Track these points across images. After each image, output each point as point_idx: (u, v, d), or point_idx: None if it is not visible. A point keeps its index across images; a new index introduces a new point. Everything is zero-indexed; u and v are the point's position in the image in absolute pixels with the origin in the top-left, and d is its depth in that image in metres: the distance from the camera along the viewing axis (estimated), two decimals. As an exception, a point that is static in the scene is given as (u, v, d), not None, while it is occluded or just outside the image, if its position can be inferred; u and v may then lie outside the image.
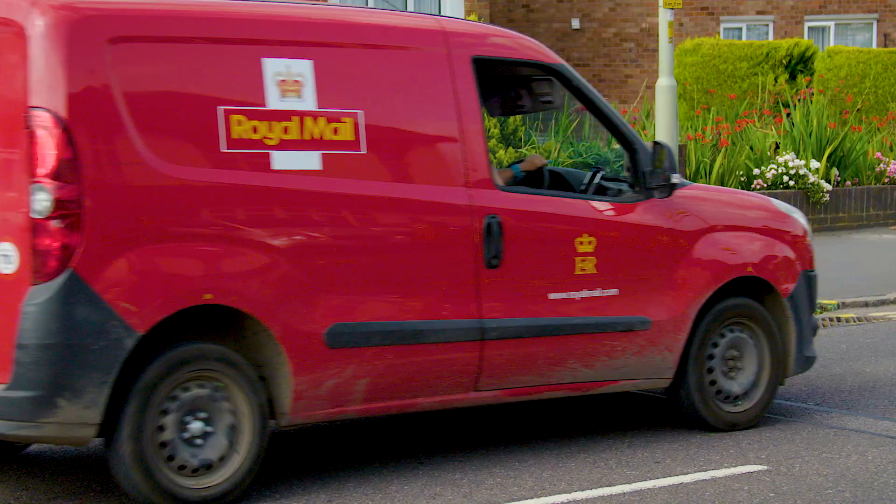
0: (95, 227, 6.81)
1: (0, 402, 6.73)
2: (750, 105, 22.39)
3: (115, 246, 6.85)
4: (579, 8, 29.95)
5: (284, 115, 7.39)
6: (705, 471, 7.90)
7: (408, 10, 25.50)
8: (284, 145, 7.36)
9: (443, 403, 7.93)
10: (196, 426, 7.04)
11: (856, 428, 8.88)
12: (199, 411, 7.06)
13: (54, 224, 6.74)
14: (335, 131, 7.52)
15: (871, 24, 31.18)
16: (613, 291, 8.31)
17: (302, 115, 7.44)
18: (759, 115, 21.49)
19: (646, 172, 8.43)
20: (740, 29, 29.35)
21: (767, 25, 29.71)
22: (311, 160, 7.44)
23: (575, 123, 19.21)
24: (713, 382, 8.75)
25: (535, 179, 8.89)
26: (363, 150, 7.58)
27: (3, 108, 6.95)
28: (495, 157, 16.31)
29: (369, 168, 7.61)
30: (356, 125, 7.57)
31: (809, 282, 9.16)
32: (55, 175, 6.75)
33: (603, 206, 8.37)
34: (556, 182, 8.91)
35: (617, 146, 19.77)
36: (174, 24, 7.28)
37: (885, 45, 30.63)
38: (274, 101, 7.37)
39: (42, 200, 6.75)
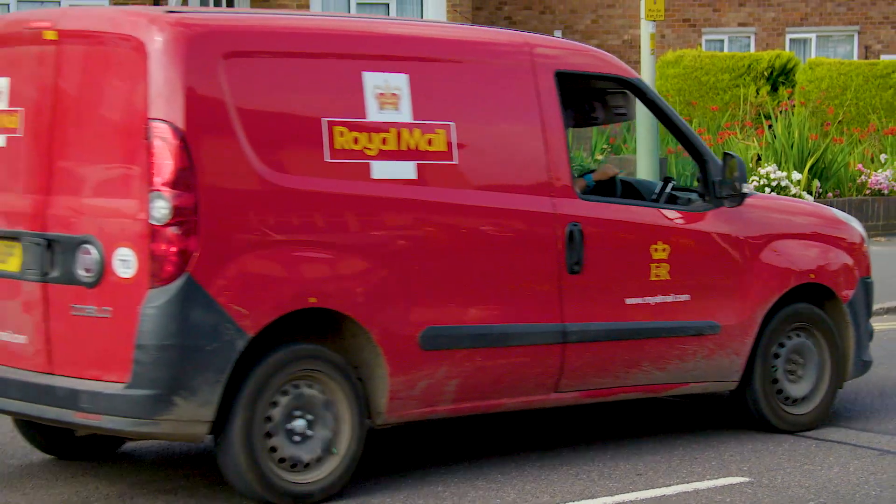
0: (210, 234, 7.13)
1: (120, 401, 7.06)
2: (732, 117, 22.47)
3: (227, 251, 7.19)
4: (561, 20, 30.00)
5: (383, 127, 7.72)
6: (688, 483, 7.91)
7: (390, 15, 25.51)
8: (383, 155, 7.70)
9: (525, 404, 8.25)
10: (299, 424, 7.33)
11: (837, 439, 8.90)
12: (303, 409, 7.36)
13: (172, 230, 7.06)
14: (429, 142, 7.86)
15: (853, 36, 31.29)
16: (685, 297, 8.64)
17: (399, 126, 7.78)
18: (740, 126, 21.56)
19: (715, 183, 8.75)
20: (722, 41, 29.42)
21: (749, 37, 29.80)
22: (407, 170, 7.77)
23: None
24: (777, 385, 9.07)
25: (606, 189, 9.20)
26: (455, 161, 7.92)
27: (122, 121, 7.27)
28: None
29: (460, 177, 7.94)
30: (448, 136, 7.91)
31: (867, 288, 9.50)
32: (173, 184, 7.06)
33: (675, 215, 8.70)
34: (628, 191, 9.23)
35: (601, 156, 19.81)
36: (282, 39, 7.63)
37: (866, 57, 30.74)
38: (373, 114, 7.72)
39: (161, 208, 7.06)
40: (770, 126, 20.84)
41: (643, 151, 16.53)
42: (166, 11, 7.36)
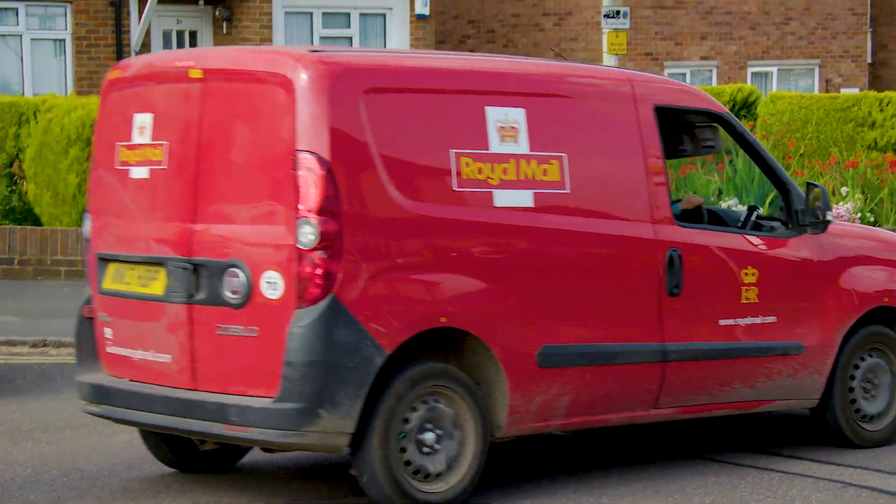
0: (352, 257, 7.70)
1: (269, 414, 7.56)
2: (694, 150, 22.51)
3: (367, 273, 7.73)
4: (524, 53, 30.11)
5: (503, 158, 8.30)
6: (651, 516, 7.92)
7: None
8: (504, 184, 8.27)
9: (628, 420, 8.79)
10: (429, 436, 7.83)
11: (801, 472, 8.94)
12: (432, 423, 7.86)
13: (319, 254, 7.62)
14: (544, 172, 8.43)
15: (813, 69, 31.51)
16: (772, 318, 9.21)
17: (517, 157, 8.35)
18: (702, 160, 21.64)
19: (798, 211, 9.34)
20: (684, 74, 29.59)
21: (711, 71, 29.97)
22: (525, 198, 8.33)
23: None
24: (854, 403, 9.61)
25: (693, 217, 9.59)
26: (567, 190, 8.49)
27: (269, 152, 7.82)
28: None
29: (572, 205, 8.51)
30: (561, 167, 8.48)
31: None
32: (320, 211, 7.62)
33: (761, 242, 9.29)
34: (714, 219, 9.72)
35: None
36: (414, 77, 8.27)
37: (827, 91, 30.94)
38: (495, 145, 8.29)
39: (308, 233, 7.61)
40: (731, 160, 20.94)
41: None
42: (310, 51, 7.96)
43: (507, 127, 8.33)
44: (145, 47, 23.36)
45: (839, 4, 31.80)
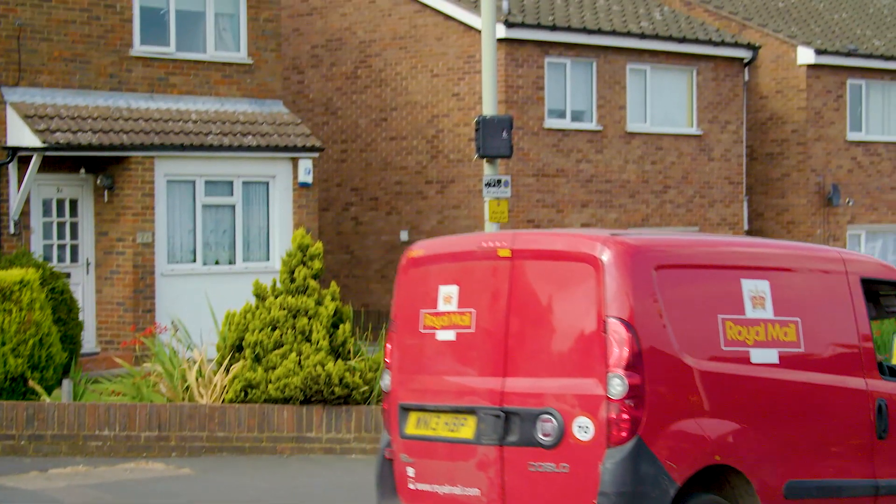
0: (652, 405, 9.22)
1: None
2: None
3: (662, 418, 9.26)
4: (408, 220, 30.31)
5: (756, 322, 10.00)
6: None
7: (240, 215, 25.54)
8: (757, 344, 9.95)
9: None
10: None
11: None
12: None
13: (627, 403, 9.18)
14: (785, 334, 10.11)
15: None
16: None
17: (766, 322, 10.06)
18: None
19: None
20: (566, 241, 29.86)
21: (592, 237, 30.29)
22: (772, 356, 10.01)
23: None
24: None
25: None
26: (802, 349, 10.18)
27: (577, 318, 9.42)
28: (324, 369, 16.24)
29: (806, 361, 10.17)
30: (797, 329, 10.18)
31: None
32: (626, 366, 9.20)
33: None
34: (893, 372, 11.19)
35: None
36: (690, 256, 10.07)
37: (706, 257, 31.37)
38: (749, 311, 10.02)
39: (617, 385, 9.19)
40: None
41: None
42: (611, 234, 9.65)
43: (757, 296, 10.04)
44: (25, 215, 23.15)
45: (716, 174, 32.48)
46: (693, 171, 32.09)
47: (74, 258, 24.15)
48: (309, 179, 26.08)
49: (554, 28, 29.10)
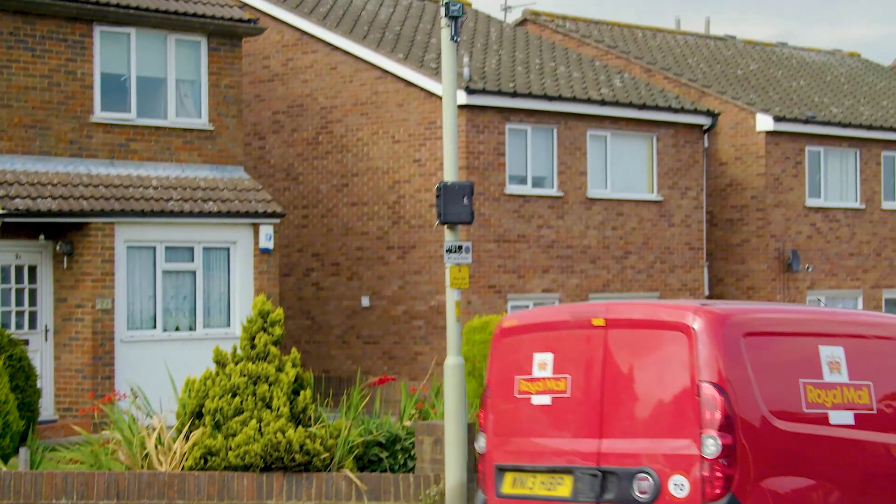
0: (744, 463, 9.95)
1: None
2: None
3: (752, 475, 9.98)
4: (369, 286, 30.26)
5: (833, 386, 10.78)
6: None
7: (196, 284, 25.43)
8: (834, 406, 10.71)
9: None
10: None
11: None
12: None
13: (720, 462, 9.93)
14: (859, 396, 10.90)
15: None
16: None
17: (842, 385, 10.83)
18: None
19: None
20: (528, 306, 29.89)
21: (554, 303, 30.33)
22: (848, 417, 10.80)
23: (367, 400, 19.17)
24: None
25: None
26: (874, 410, 11.00)
27: (672, 382, 10.18)
28: (285, 436, 16.13)
29: (877, 422, 10.98)
30: (870, 392, 10.99)
31: None
32: (719, 428, 9.96)
33: None
34: None
35: (409, 422, 19.74)
36: (773, 324, 10.84)
37: (667, 323, 31.42)
38: (826, 376, 10.78)
39: (711, 446, 9.96)
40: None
41: (451, 416, 16.54)
42: (701, 304, 10.45)
43: (833, 361, 10.79)
44: (-17, 281, 23.00)
45: (676, 239, 32.60)
46: (654, 237, 32.19)
47: (33, 325, 23.98)
48: (270, 245, 26.04)
49: (515, 95, 29.23)
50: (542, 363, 10.85)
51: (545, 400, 10.77)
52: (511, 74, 30.60)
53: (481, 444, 11.16)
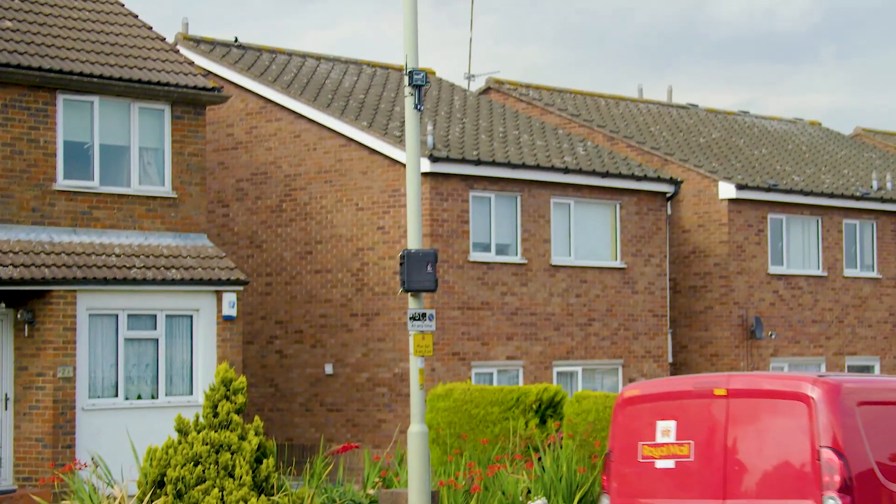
0: None
1: None
2: (502, 450, 22.58)
3: None
4: (332, 353, 30.17)
5: None
6: None
7: (159, 350, 25.31)
8: None
9: None
10: None
11: None
12: None
13: None
14: None
15: (617, 369, 32.08)
16: None
17: None
18: (510, 459, 21.67)
19: None
20: (491, 374, 29.84)
21: (518, 370, 30.31)
22: None
23: (330, 468, 19.06)
24: None
25: None
26: None
27: (793, 447, 11.16)
28: (247, 506, 16.01)
29: None
30: None
31: None
32: (839, 489, 10.96)
33: None
34: None
35: (372, 491, 19.63)
36: (884, 393, 12.01)
37: (631, 390, 31.44)
38: None
39: None
40: (539, 459, 20.99)
41: (415, 484, 16.45)
42: (819, 376, 11.44)
43: None
44: (-56, 349, 22.82)
45: (640, 306, 32.65)
46: (617, 304, 32.24)
47: (-7, 393, 23.79)
48: (233, 313, 25.95)
49: (478, 163, 29.33)
50: (666, 430, 11.84)
51: (669, 464, 11.74)
52: (475, 142, 30.71)
53: None
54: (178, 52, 27.67)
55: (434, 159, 28.42)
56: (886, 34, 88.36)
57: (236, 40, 32.72)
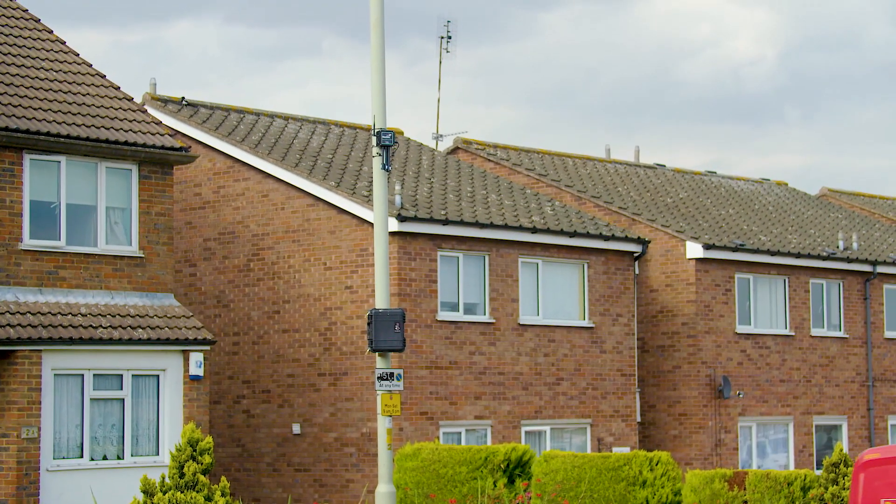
0: None
1: None
2: (470, 510, 22.47)
3: None
4: (300, 413, 30.05)
5: None
6: None
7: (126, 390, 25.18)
8: None
9: None
10: None
11: None
12: None
13: None
14: None
15: (585, 428, 32.04)
16: None
17: None
18: None
19: None
20: (460, 433, 29.78)
21: (486, 429, 30.25)
22: None
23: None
24: None
25: None
26: None
27: None
28: (213, 568, 15.87)
29: None
30: None
31: None
32: None
33: None
34: None
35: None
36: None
37: (599, 450, 31.41)
38: None
39: None
40: (508, 519, 20.90)
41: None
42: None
43: None
44: None
45: (608, 366, 32.66)
46: (585, 363, 32.24)
47: (-43, 454, 23.58)
48: (200, 372, 25.85)
49: (446, 222, 29.37)
50: None
51: None
52: (443, 202, 30.76)
53: None
54: (145, 111, 27.68)
55: (402, 219, 28.46)
56: (851, 96, 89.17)
57: (183, 99, 32.51)
